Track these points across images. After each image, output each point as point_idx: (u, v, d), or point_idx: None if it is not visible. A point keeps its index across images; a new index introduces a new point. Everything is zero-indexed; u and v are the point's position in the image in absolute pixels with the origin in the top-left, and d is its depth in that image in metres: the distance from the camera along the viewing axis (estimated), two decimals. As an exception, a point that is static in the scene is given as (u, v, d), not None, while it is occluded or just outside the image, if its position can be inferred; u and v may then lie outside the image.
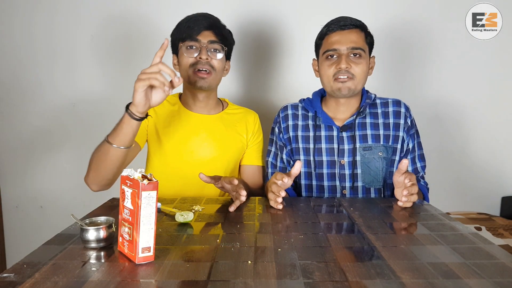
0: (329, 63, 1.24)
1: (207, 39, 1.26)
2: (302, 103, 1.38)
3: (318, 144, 1.31)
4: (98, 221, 0.85)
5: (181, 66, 1.31)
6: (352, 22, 1.25)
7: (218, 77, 1.32)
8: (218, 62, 1.29)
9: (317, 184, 1.32)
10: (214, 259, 0.75)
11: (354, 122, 1.29)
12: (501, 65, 1.90)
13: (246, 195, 1.10)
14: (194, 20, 1.27)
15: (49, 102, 1.95)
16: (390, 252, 0.78)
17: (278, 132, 1.39)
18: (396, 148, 1.29)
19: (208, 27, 1.27)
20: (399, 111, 1.30)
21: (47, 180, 2.01)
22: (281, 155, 1.37)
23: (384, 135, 1.29)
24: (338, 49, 1.23)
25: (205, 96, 1.35)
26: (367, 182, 1.28)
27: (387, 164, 1.29)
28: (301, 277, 0.67)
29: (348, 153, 1.28)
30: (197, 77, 1.26)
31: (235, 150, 1.38)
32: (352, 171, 1.28)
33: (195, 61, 1.26)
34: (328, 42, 1.25)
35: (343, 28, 1.24)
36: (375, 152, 1.27)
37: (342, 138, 1.29)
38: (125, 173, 0.77)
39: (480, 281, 0.66)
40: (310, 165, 1.31)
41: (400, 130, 1.29)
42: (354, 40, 1.22)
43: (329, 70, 1.24)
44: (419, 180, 1.30)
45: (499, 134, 1.95)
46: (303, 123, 1.35)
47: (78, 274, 0.69)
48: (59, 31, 1.90)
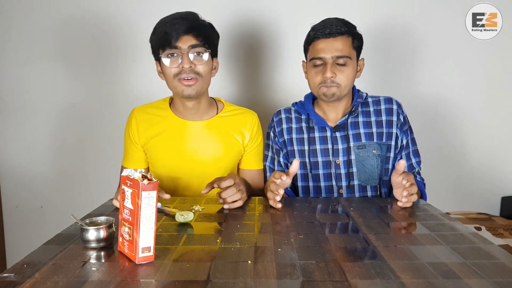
0: (316, 70, 1.25)
1: (187, 44, 1.17)
2: (294, 106, 1.39)
3: (312, 146, 1.32)
4: (98, 221, 0.85)
5: (165, 76, 1.23)
6: (338, 29, 1.21)
7: (206, 81, 1.25)
8: (204, 66, 1.20)
9: (314, 185, 1.33)
10: (214, 259, 0.75)
11: (346, 121, 1.31)
12: (501, 65, 1.89)
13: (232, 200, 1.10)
14: (170, 25, 1.17)
15: (49, 102, 1.95)
16: (390, 252, 0.78)
17: (273, 136, 1.39)
18: (390, 145, 1.30)
19: (186, 31, 1.17)
20: (391, 108, 1.31)
21: (47, 180, 2.01)
22: (278, 159, 1.38)
23: (377, 133, 1.30)
24: (323, 57, 1.22)
25: (195, 103, 1.28)
26: (363, 180, 1.29)
27: (382, 162, 1.29)
28: (301, 277, 0.67)
29: (342, 152, 1.29)
30: (183, 85, 1.19)
31: (231, 155, 1.34)
32: (348, 170, 1.29)
33: (179, 71, 1.19)
34: (314, 50, 1.25)
35: (328, 36, 1.22)
36: (369, 150, 1.28)
37: (336, 138, 1.30)
38: (125, 173, 0.77)
39: (480, 281, 0.66)
40: (306, 167, 1.32)
41: (393, 127, 1.30)
42: (339, 49, 1.21)
43: (316, 78, 1.25)
44: (415, 176, 1.31)
45: (499, 134, 1.95)
46: (296, 126, 1.36)
47: (78, 274, 0.69)
48: (59, 31, 1.90)
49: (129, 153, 1.35)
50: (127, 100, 1.92)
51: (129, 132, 1.33)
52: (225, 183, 1.09)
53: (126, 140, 1.36)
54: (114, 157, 1.81)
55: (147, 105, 1.36)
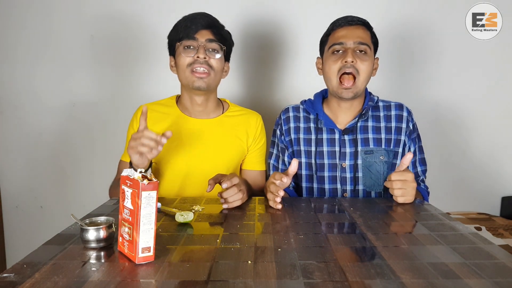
0: (335, 58, 1.23)
1: (205, 38, 1.23)
2: (303, 104, 1.38)
3: (319, 147, 1.30)
4: (98, 221, 0.85)
5: (178, 67, 1.27)
6: (360, 19, 1.26)
7: (217, 78, 1.29)
8: (217, 61, 1.25)
9: (318, 187, 1.32)
10: (214, 259, 0.75)
11: (356, 125, 1.29)
12: (501, 65, 1.89)
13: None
14: (192, 19, 1.24)
15: (49, 102, 1.95)
16: (390, 252, 0.78)
17: (279, 135, 1.38)
18: (397, 152, 1.29)
19: (206, 26, 1.24)
20: (401, 115, 1.30)
21: (47, 180, 2.01)
22: (283, 158, 1.37)
23: (386, 139, 1.28)
24: (344, 42, 1.22)
25: (203, 99, 1.31)
26: (368, 186, 1.28)
27: (388, 168, 1.28)
28: (301, 277, 0.67)
29: (349, 156, 1.28)
30: (195, 77, 1.23)
31: (234, 154, 1.35)
32: (354, 174, 1.28)
33: (193, 60, 1.23)
34: (335, 37, 1.25)
35: (350, 24, 1.25)
36: (377, 156, 1.27)
37: (344, 141, 1.29)
38: (125, 173, 0.77)
39: (480, 281, 0.66)
40: (312, 168, 1.31)
41: (402, 134, 1.29)
42: (360, 36, 1.23)
43: (335, 65, 1.23)
44: (419, 184, 1.30)
45: (499, 134, 1.95)
46: (304, 126, 1.34)
47: (78, 274, 0.69)
48: (59, 30, 1.90)
49: None
50: (127, 100, 1.91)
51: (134, 127, 1.33)
52: (228, 183, 1.10)
53: (129, 134, 1.35)
54: (114, 157, 1.81)
55: (154, 103, 1.36)
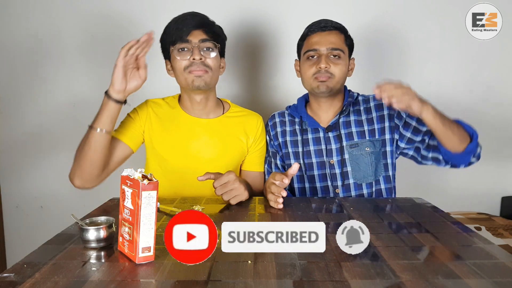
0: (310, 63, 1.28)
1: (198, 38, 1.21)
2: (288, 110, 1.43)
3: (306, 147, 1.34)
4: (98, 221, 0.85)
5: (175, 70, 1.26)
6: (333, 24, 1.29)
7: (215, 75, 1.28)
8: (213, 60, 1.24)
9: (309, 186, 1.35)
10: (214, 259, 0.75)
11: (338, 121, 1.32)
12: (501, 65, 1.89)
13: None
14: (182, 21, 1.22)
15: (49, 102, 1.95)
16: (390, 252, 0.78)
17: (269, 140, 1.42)
18: (385, 140, 1.30)
19: (197, 26, 1.22)
20: (380, 103, 1.31)
21: (47, 180, 2.01)
22: (275, 161, 1.40)
23: (369, 130, 1.31)
24: (318, 49, 1.26)
25: (203, 97, 1.30)
26: (358, 179, 1.30)
27: (376, 159, 1.30)
28: (301, 277, 0.67)
29: (336, 152, 1.31)
30: (193, 76, 1.22)
31: (234, 155, 1.35)
32: (342, 169, 1.30)
33: (189, 63, 1.22)
34: (309, 43, 1.29)
35: (323, 30, 1.28)
36: (362, 148, 1.29)
37: (329, 138, 1.32)
38: (125, 173, 0.77)
39: (480, 281, 0.66)
40: (301, 168, 1.34)
41: (385, 121, 1.30)
42: (333, 41, 1.26)
43: (310, 70, 1.27)
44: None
45: (499, 134, 1.95)
46: (290, 129, 1.38)
47: (78, 274, 0.69)
48: (60, 30, 1.89)
49: (125, 127, 1.29)
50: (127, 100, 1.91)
51: (138, 113, 1.30)
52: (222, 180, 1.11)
53: (128, 117, 1.31)
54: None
55: (160, 99, 1.36)
